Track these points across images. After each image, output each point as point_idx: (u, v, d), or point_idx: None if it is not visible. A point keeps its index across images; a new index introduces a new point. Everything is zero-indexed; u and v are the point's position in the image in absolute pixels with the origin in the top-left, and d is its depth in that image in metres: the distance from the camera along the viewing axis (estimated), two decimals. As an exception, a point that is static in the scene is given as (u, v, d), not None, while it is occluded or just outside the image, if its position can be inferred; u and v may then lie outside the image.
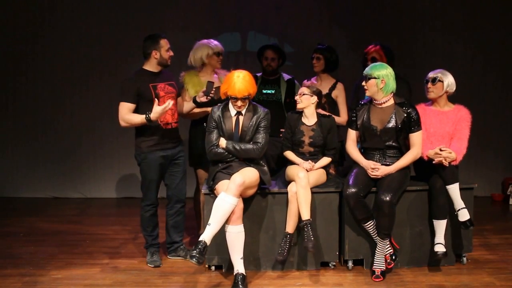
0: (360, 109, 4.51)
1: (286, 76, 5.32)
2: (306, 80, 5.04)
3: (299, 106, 4.52)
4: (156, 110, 4.32)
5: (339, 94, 5.19)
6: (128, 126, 4.47)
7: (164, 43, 4.51)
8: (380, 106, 4.43)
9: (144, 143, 4.48)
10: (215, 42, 4.99)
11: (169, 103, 4.33)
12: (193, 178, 5.21)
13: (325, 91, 5.10)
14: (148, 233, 4.61)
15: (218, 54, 4.96)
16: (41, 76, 7.10)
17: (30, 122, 7.16)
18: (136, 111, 4.43)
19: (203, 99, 4.64)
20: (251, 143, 4.31)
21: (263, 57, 5.25)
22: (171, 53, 4.56)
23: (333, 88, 5.18)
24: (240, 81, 4.19)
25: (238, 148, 4.27)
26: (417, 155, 4.41)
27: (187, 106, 4.80)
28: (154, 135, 4.47)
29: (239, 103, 4.24)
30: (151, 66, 4.53)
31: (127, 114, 4.40)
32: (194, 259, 3.85)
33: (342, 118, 5.11)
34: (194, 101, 4.70)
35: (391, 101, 4.43)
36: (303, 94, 4.49)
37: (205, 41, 4.98)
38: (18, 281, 4.24)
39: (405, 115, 4.37)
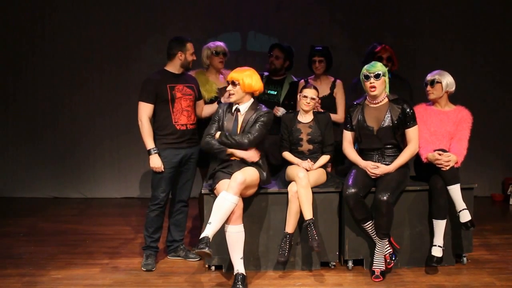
0: (354, 109, 4.48)
1: (294, 79, 5.30)
2: (302, 80, 5.05)
3: (307, 108, 4.51)
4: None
5: (338, 91, 5.19)
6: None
7: (190, 46, 4.57)
8: (375, 106, 4.42)
9: (159, 140, 4.51)
10: (217, 43, 5.01)
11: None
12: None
13: (326, 91, 5.12)
14: (149, 234, 4.60)
15: (217, 53, 4.96)
16: (41, 76, 7.11)
17: (30, 122, 7.16)
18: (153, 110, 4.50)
19: (228, 100, 4.58)
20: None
21: (270, 54, 5.26)
22: (195, 58, 4.64)
23: (333, 86, 5.18)
24: (237, 70, 4.35)
25: (230, 138, 4.28)
26: (414, 151, 4.40)
27: (212, 108, 4.76)
28: (170, 135, 4.51)
29: (229, 86, 4.32)
30: (173, 67, 4.58)
31: (147, 121, 4.44)
32: (206, 249, 3.80)
33: (339, 115, 5.09)
34: (219, 102, 4.71)
35: (386, 99, 4.42)
36: (313, 98, 4.50)
37: (210, 43, 5.04)
38: (18, 281, 4.24)
39: (400, 111, 4.35)
